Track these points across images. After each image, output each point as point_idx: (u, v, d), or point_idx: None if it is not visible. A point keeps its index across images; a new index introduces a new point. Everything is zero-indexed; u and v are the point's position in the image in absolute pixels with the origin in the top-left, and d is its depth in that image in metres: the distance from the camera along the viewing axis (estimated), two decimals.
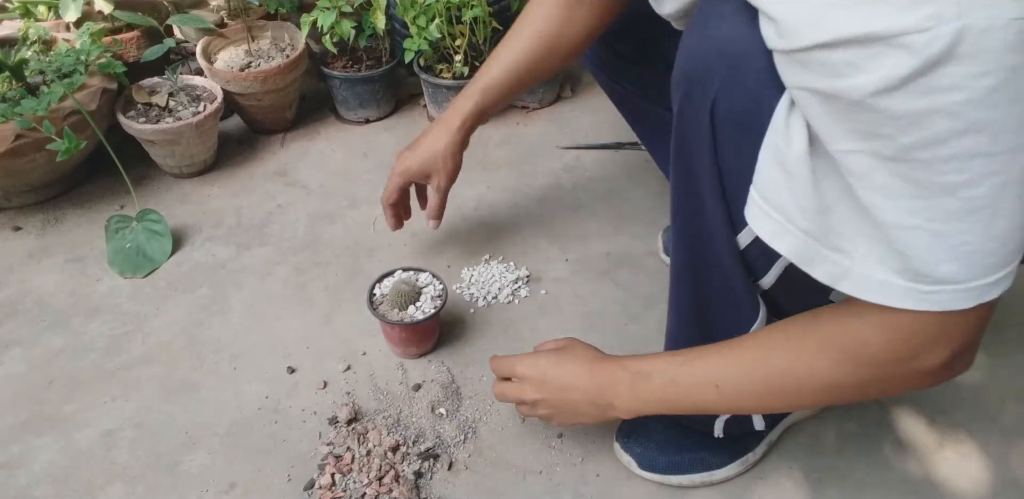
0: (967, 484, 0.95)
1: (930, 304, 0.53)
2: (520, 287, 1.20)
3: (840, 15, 0.43)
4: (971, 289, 0.51)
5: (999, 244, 0.49)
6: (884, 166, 0.48)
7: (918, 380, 0.61)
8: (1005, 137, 0.43)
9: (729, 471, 0.94)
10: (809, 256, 0.58)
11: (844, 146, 0.49)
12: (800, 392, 0.66)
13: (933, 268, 0.51)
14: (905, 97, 0.43)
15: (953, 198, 0.47)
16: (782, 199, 0.57)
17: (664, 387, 0.73)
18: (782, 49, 0.49)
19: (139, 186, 1.38)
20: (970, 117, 0.43)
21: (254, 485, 0.94)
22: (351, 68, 1.49)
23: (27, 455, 0.98)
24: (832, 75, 0.46)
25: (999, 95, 0.42)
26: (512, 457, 0.97)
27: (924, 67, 0.41)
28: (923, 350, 0.58)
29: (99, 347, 1.11)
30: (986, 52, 0.40)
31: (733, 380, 0.69)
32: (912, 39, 0.41)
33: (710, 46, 0.61)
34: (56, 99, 1.17)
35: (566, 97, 1.61)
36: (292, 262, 1.25)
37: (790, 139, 0.54)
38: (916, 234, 0.49)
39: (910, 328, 0.57)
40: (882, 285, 0.54)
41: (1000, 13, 0.39)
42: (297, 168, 1.44)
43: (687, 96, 0.65)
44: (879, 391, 0.67)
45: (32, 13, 1.42)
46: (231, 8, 1.53)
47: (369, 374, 1.07)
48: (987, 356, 1.10)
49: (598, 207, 1.34)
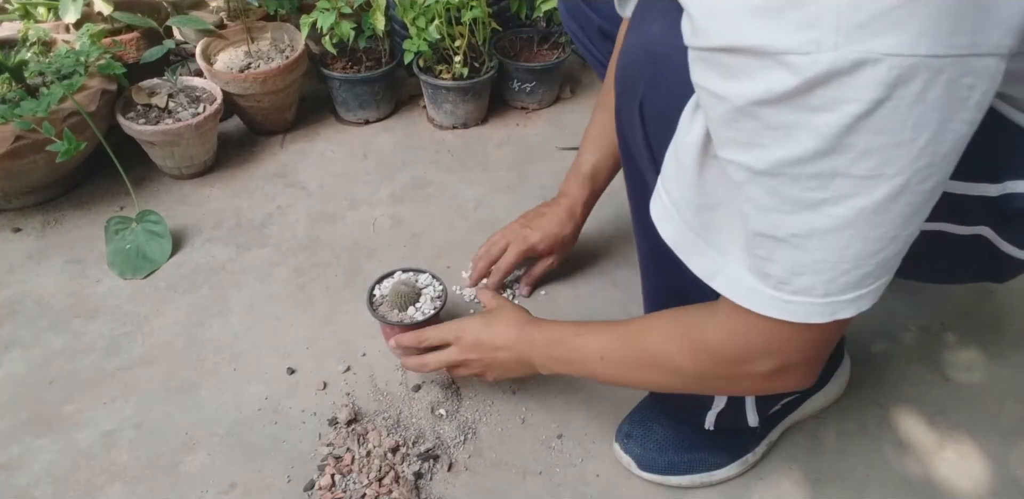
0: (967, 484, 0.95)
1: (790, 314, 0.55)
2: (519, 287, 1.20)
3: (744, 24, 0.45)
4: (827, 304, 0.53)
5: (853, 265, 0.51)
6: (756, 179, 0.50)
7: (751, 383, 0.66)
8: (865, 163, 0.45)
9: (729, 471, 0.94)
10: (688, 247, 0.60)
11: (726, 154, 0.51)
12: (660, 374, 0.72)
13: (793, 279, 0.53)
14: (781, 110, 0.45)
15: (815, 215, 0.49)
16: (672, 186, 0.60)
17: (566, 353, 0.81)
18: (692, 46, 0.50)
19: (139, 187, 1.38)
20: (833, 139, 0.45)
21: (254, 485, 0.94)
22: (351, 69, 1.49)
23: (27, 455, 0.98)
24: (726, 77, 0.47)
25: (863, 123, 0.44)
26: (512, 457, 0.97)
27: (802, 86, 0.43)
28: (753, 356, 0.62)
29: (99, 347, 1.11)
30: (855, 82, 0.42)
31: (613, 355, 0.76)
32: (794, 59, 0.43)
33: (640, 45, 0.64)
34: (56, 100, 1.18)
35: (566, 98, 1.62)
36: (292, 263, 1.25)
37: (690, 130, 0.56)
38: (780, 245, 0.52)
39: (746, 333, 0.60)
40: (750, 290, 0.56)
41: (875, 48, 0.41)
42: (297, 169, 1.44)
43: (622, 92, 0.68)
44: (722, 387, 0.73)
45: (32, 14, 1.42)
46: (231, 9, 1.53)
47: (369, 375, 1.07)
48: (987, 356, 1.11)
49: (598, 207, 1.34)
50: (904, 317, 1.16)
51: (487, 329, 0.90)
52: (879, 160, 0.45)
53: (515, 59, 1.51)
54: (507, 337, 0.88)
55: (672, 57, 0.59)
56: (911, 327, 1.15)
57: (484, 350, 0.90)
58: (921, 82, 0.42)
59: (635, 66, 0.65)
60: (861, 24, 0.41)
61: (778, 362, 0.62)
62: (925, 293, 1.19)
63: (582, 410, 1.02)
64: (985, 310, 1.17)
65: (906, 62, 0.41)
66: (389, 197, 1.38)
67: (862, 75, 0.42)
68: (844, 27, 0.41)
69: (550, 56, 1.53)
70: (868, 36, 0.41)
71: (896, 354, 1.10)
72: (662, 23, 0.61)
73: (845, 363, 1.03)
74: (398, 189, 1.39)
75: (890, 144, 0.45)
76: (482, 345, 0.90)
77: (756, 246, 0.54)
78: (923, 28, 0.40)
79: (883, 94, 0.42)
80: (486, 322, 0.91)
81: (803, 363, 0.63)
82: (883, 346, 1.12)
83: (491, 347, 0.89)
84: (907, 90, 0.42)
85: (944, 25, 0.40)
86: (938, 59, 0.41)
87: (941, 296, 1.19)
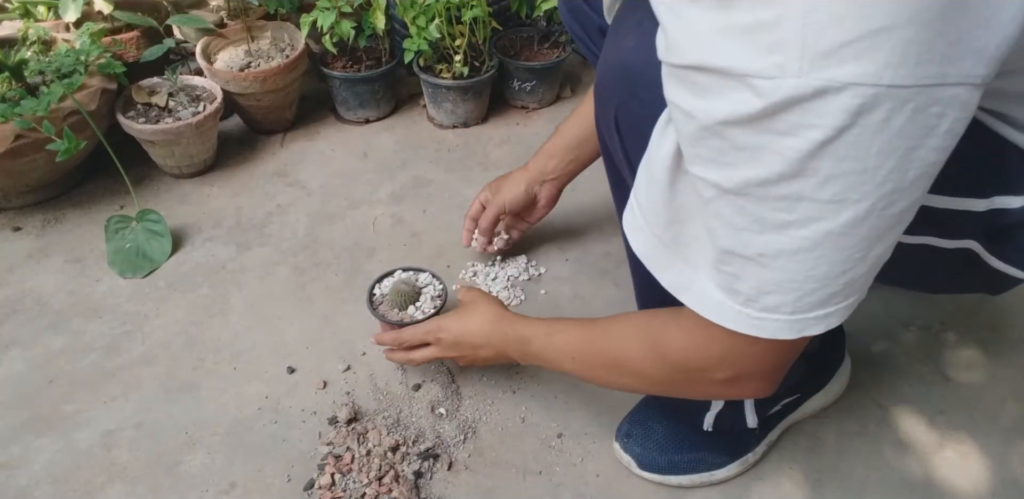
0: (967, 484, 0.95)
1: (758, 330, 0.55)
2: (520, 287, 1.20)
3: (715, 43, 0.45)
4: (795, 321, 0.54)
5: (820, 286, 0.51)
6: (724, 197, 0.50)
7: (709, 388, 0.67)
8: (829, 188, 0.45)
9: (729, 471, 0.94)
10: (658, 260, 0.61)
11: (695, 170, 0.51)
12: (625, 376, 0.73)
13: (761, 296, 0.53)
14: (747, 132, 0.45)
15: (782, 236, 0.49)
16: (643, 200, 0.60)
17: (539, 353, 0.84)
18: (665, 61, 0.50)
19: (139, 186, 1.38)
20: (798, 163, 0.45)
21: (254, 485, 0.94)
22: (351, 68, 1.49)
23: (27, 455, 0.98)
24: (696, 94, 0.47)
25: (827, 149, 0.44)
26: (512, 457, 0.97)
27: (767, 110, 0.43)
28: (712, 364, 0.63)
29: (99, 347, 1.11)
30: (818, 109, 0.42)
31: (584, 355, 0.77)
32: (759, 83, 0.43)
33: (614, 59, 0.64)
34: (56, 99, 1.17)
35: (566, 97, 1.61)
36: (292, 262, 1.25)
37: (661, 144, 0.56)
38: (748, 264, 0.52)
39: (707, 344, 0.61)
40: (718, 305, 0.56)
41: (838, 77, 0.41)
42: (297, 168, 1.44)
43: (599, 103, 0.69)
44: (683, 391, 0.73)
45: (32, 13, 1.42)
46: (231, 8, 1.53)
47: (369, 374, 1.07)
48: (987, 356, 1.11)
49: (598, 207, 1.34)
50: (904, 317, 1.16)
51: (463, 328, 0.92)
52: (843, 185, 0.45)
53: (515, 58, 1.51)
54: (482, 335, 0.90)
55: (644, 72, 0.59)
56: (911, 327, 1.15)
57: (463, 349, 0.92)
58: (885, 111, 0.42)
59: (610, 79, 0.65)
60: (825, 53, 0.41)
61: (736, 372, 0.63)
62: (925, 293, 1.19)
63: (582, 410, 1.02)
64: (985, 310, 1.17)
65: (869, 91, 0.41)
66: (389, 196, 1.38)
67: (825, 102, 0.42)
68: (808, 54, 0.41)
69: (550, 55, 1.53)
70: (832, 64, 0.41)
71: (896, 354, 1.10)
72: (635, 36, 0.62)
73: (845, 363, 1.03)
74: (398, 188, 1.39)
75: (854, 170, 0.44)
76: (461, 345, 0.92)
77: (724, 263, 0.54)
78: (888, 59, 0.40)
79: (846, 122, 0.42)
80: (461, 320, 0.93)
81: (760, 374, 0.63)
82: (883, 346, 1.12)
83: (470, 346, 0.91)
84: (871, 118, 0.42)
85: (910, 56, 0.40)
86: (903, 89, 0.41)
87: (941, 296, 1.19)
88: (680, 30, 0.47)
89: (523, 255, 1.25)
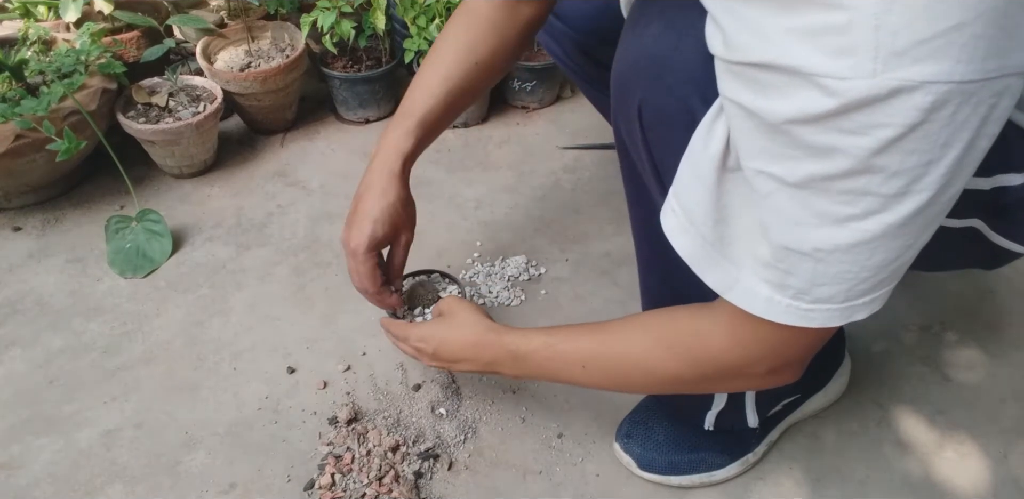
0: (967, 484, 0.95)
1: (808, 321, 0.56)
2: (520, 287, 1.20)
3: (781, 42, 0.45)
4: (844, 309, 0.55)
5: (873, 273, 0.52)
6: (785, 191, 0.50)
7: (747, 382, 0.69)
8: (895, 182, 0.46)
9: (729, 471, 0.94)
10: (704, 261, 0.60)
11: (754, 164, 0.51)
12: (651, 381, 0.73)
13: (813, 289, 0.54)
14: (816, 130, 0.46)
15: (842, 229, 0.49)
16: (688, 200, 0.59)
17: (540, 364, 0.78)
18: (722, 58, 0.50)
19: (139, 186, 1.38)
20: (866, 160, 0.45)
21: (254, 485, 0.94)
22: (351, 68, 1.49)
23: (27, 455, 0.98)
24: (759, 93, 0.48)
25: (896, 146, 0.44)
26: (512, 457, 0.97)
27: (837, 110, 0.44)
28: (756, 359, 0.63)
29: (99, 347, 1.11)
30: (891, 108, 0.43)
31: (596, 363, 0.74)
32: (831, 83, 0.43)
33: (637, 48, 0.63)
34: (56, 99, 1.17)
35: (566, 97, 1.61)
36: (292, 262, 1.25)
37: (708, 144, 0.56)
38: (803, 259, 0.52)
39: (751, 338, 0.61)
40: (767, 301, 0.57)
41: (912, 76, 0.41)
42: (297, 168, 1.44)
43: (618, 97, 0.67)
44: (717, 386, 0.74)
45: (32, 13, 1.42)
46: (231, 8, 1.53)
47: (369, 374, 1.07)
48: (987, 356, 1.11)
49: (598, 207, 1.34)
50: (904, 317, 1.16)
51: (444, 344, 0.85)
52: (908, 179, 0.46)
53: None
54: (465, 350, 0.83)
55: (671, 60, 0.59)
56: (911, 327, 1.15)
57: (444, 361, 0.86)
58: (954, 105, 0.43)
59: (632, 70, 0.64)
60: (899, 52, 0.41)
61: (778, 362, 0.63)
62: (925, 293, 1.19)
63: (582, 410, 1.02)
64: (985, 310, 1.17)
65: (943, 88, 0.42)
66: None
67: (899, 101, 0.42)
68: (883, 55, 0.41)
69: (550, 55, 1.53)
70: (906, 64, 0.41)
71: (896, 354, 1.11)
72: (659, 25, 0.61)
73: (845, 363, 1.03)
74: None
75: (920, 163, 0.45)
76: (441, 357, 0.86)
77: (779, 260, 0.54)
78: (959, 56, 0.41)
79: (918, 119, 0.43)
80: (443, 335, 0.85)
81: (798, 361, 0.65)
82: (883, 346, 1.12)
83: (450, 359, 0.85)
84: (941, 114, 0.43)
85: (979, 52, 0.41)
86: (972, 84, 0.42)
87: (941, 296, 1.19)
88: (740, 27, 0.47)
89: (523, 255, 1.25)
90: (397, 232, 0.91)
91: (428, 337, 0.86)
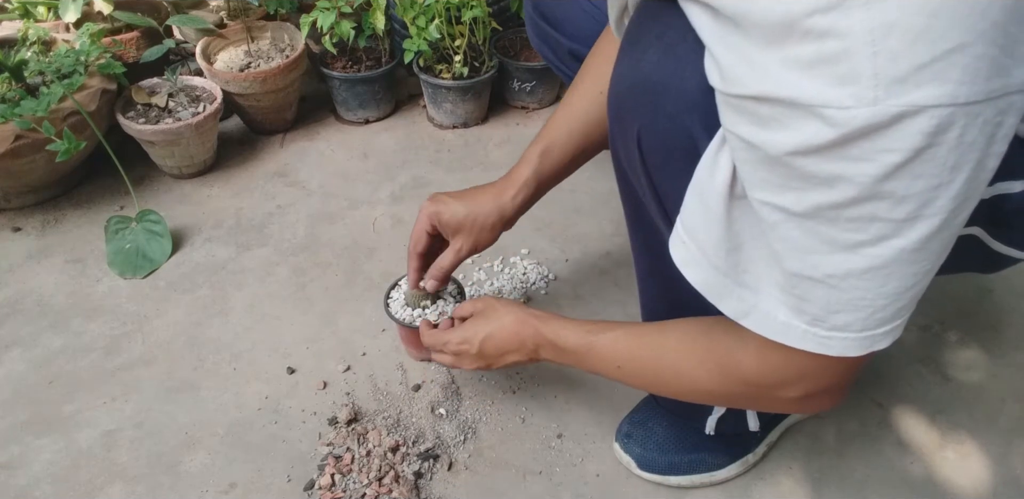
0: (967, 484, 0.95)
1: (827, 349, 0.55)
2: (520, 288, 1.20)
3: (777, 74, 0.44)
4: (863, 338, 0.54)
5: (890, 301, 0.51)
6: (793, 221, 0.49)
7: (781, 405, 0.67)
8: (904, 207, 0.46)
9: (729, 472, 0.94)
10: (717, 290, 0.59)
11: (759, 195, 0.51)
12: (682, 389, 0.72)
13: (829, 316, 0.53)
14: (819, 160, 0.45)
15: (853, 255, 0.49)
16: (698, 231, 0.59)
17: (579, 359, 0.79)
18: (722, 91, 0.50)
19: (139, 187, 1.38)
20: (872, 187, 0.45)
21: (254, 485, 0.94)
22: (351, 68, 1.49)
23: (27, 455, 0.98)
24: (759, 125, 0.47)
25: (903, 171, 0.44)
26: (512, 457, 0.97)
27: (840, 139, 0.43)
28: (787, 383, 0.62)
29: (99, 347, 1.11)
30: (895, 134, 0.42)
31: (632, 365, 0.74)
32: (832, 113, 0.43)
33: (634, 74, 0.62)
34: (56, 100, 1.17)
35: None
36: (292, 263, 1.25)
37: (714, 174, 0.56)
38: (817, 285, 0.52)
39: (781, 362, 0.60)
40: (784, 326, 0.56)
41: (915, 101, 0.41)
42: (297, 169, 1.44)
43: (616, 122, 0.66)
44: (749, 405, 0.75)
45: (32, 14, 1.42)
46: (231, 9, 1.53)
47: (369, 374, 1.07)
48: (987, 356, 1.11)
49: (598, 207, 1.34)
50: None
51: (488, 340, 0.85)
52: (918, 203, 0.45)
53: (515, 58, 1.51)
54: (510, 342, 0.83)
55: (669, 87, 0.58)
56: (911, 327, 1.15)
57: (491, 357, 0.86)
58: (960, 127, 0.42)
59: (630, 96, 0.63)
60: (900, 78, 0.41)
61: (811, 388, 0.62)
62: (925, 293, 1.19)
63: (582, 410, 1.02)
64: (985, 310, 1.17)
65: (946, 111, 0.41)
66: (389, 197, 1.38)
67: (902, 127, 0.42)
68: (883, 82, 0.41)
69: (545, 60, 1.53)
70: (908, 89, 0.41)
71: (896, 354, 1.10)
72: (658, 50, 0.59)
73: None
74: (398, 189, 1.39)
75: (929, 187, 0.45)
76: (487, 354, 0.85)
77: (792, 286, 0.53)
78: (961, 77, 0.40)
79: (924, 143, 0.42)
80: (485, 332, 0.85)
81: (836, 388, 0.63)
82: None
83: (497, 354, 0.85)
84: (947, 136, 0.42)
85: (981, 72, 0.41)
86: (976, 104, 0.41)
87: (941, 296, 1.19)
88: (736, 61, 0.47)
89: (523, 255, 1.25)
90: (458, 232, 0.92)
91: (470, 337, 0.86)
